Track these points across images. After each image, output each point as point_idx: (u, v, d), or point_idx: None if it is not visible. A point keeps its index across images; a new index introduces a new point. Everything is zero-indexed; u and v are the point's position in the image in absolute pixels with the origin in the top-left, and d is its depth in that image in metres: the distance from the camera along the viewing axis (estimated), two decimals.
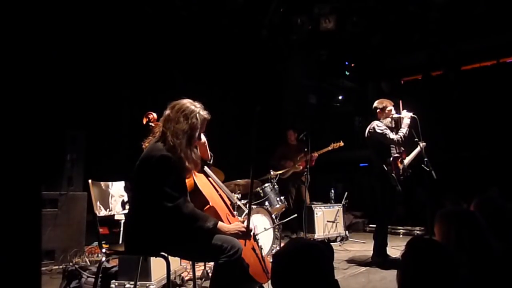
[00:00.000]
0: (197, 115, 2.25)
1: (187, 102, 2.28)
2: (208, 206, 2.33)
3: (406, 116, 4.10)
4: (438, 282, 1.36)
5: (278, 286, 1.25)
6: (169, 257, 2.23)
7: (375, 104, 4.36)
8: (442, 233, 1.79)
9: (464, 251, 1.67)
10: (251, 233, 2.37)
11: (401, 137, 4.07)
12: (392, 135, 4.10)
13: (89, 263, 3.77)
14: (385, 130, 4.14)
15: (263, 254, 2.56)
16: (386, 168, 4.08)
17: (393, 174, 4.06)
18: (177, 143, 2.16)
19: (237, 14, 6.37)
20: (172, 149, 2.15)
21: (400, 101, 4.35)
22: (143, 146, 2.30)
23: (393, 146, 4.18)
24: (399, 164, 4.14)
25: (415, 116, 4.06)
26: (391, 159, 4.11)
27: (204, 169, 2.60)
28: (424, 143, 4.17)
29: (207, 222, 2.10)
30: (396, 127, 4.28)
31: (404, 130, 4.09)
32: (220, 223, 2.17)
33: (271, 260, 1.34)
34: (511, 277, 1.63)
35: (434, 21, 6.63)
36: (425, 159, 3.96)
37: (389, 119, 4.26)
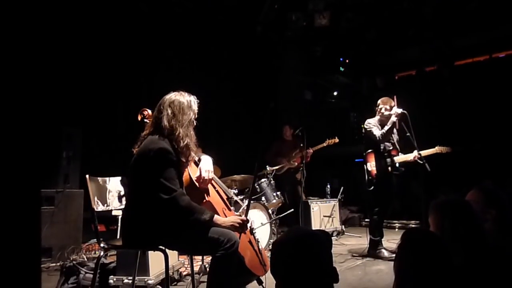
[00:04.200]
0: (181, 99, 2.32)
1: (172, 94, 2.35)
2: (205, 200, 2.35)
3: (394, 113, 4.15)
4: (432, 271, 1.39)
5: (277, 274, 1.27)
6: (167, 251, 2.25)
7: None
8: (436, 224, 1.81)
9: (459, 240, 1.70)
10: (248, 226, 2.39)
11: (382, 134, 4.18)
12: (376, 132, 4.22)
13: (86, 260, 3.77)
14: (372, 127, 4.27)
15: (260, 247, 2.58)
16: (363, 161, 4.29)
17: (365, 166, 4.24)
18: (174, 125, 2.22)
19: (231, 10, 6.37)
20: (171, 133, 2.20)
21: (395, 97, 4.39)
22: (134, 151, 2.30)
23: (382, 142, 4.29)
24: (382, 159, 4.24)
25: (405, 112, 4.08)
26: (367, 152, 4.28)
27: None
28: (448, 148, 4.18)
29: (203, 215, 2.12)
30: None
31: (386, 127, 4.17)
32: (216, 216, 2.19)
33: (270, 249, 1.36)
34: (506, 266, 1.65)
35: (428, 17, 6.68)
36: (419, 152, 4.02)
37: (378, 117, 4.35)
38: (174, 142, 2.21)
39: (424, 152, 4.12)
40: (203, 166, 2.38)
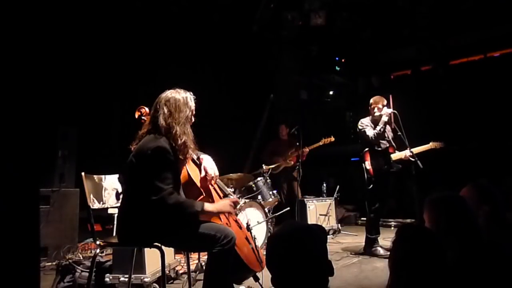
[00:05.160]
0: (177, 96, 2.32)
1: (168, 92, 2.34)
2: (202, 196, 2.36)
3: (385, 113, 4.18)
4: (426, 266, 1.41)
5: (273, 267, 1.27)
6: (163, 248, 2.24)
7: None
8: (432, 219, 1.83)
9: (454, 235, 1.72)
10: (245, 223, 2.40)
11: (374, 134, 4.21)
12: (369, 132, 4.25)
13: (82, 259, 3.75)
14: (365, 127, 4.31)
15: (257, 244, 2.59)
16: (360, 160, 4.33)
17: (364, 164, 4.27)
18: (171, 123, 2.21)
19: (227, 9, 6.37)
20: (168, 132, 2.19)
21: (390, 96, 4.42)
22: (132, 148, 2.30)
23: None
24: (379, 158, 4.27)
25: (395, 112, 4.14)
26: (365, 151, 4.31)
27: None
28: (441, 143, 4.20)
29: (194, 207, 2.13)
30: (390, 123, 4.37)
31: (378, 127, 4.21)
32: (206, 203, 2.19)
33: (266, 243, 1.37)
34: (498, 260, 1.67)
35: (423, 16, 6.71)
36: (411, 150, 4.05)
37: (371, 116, 4.38)
38: (172, 140, 2.21)
39: (419, 148, 4.15)
40: (208, 165, 2.43)
